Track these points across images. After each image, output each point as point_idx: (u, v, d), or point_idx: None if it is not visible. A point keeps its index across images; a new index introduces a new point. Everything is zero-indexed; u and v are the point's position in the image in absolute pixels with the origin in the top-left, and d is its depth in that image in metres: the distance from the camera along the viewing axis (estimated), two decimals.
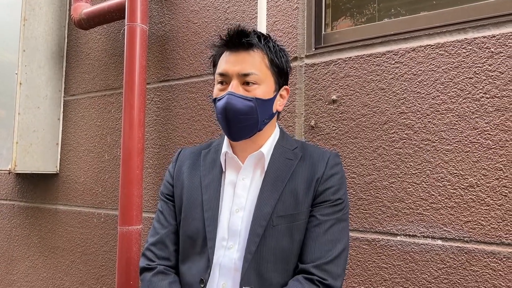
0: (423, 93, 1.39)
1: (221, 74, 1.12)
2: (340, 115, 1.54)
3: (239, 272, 1.05)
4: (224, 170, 1.17)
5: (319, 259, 1.03)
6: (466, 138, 1.31)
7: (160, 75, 2.10)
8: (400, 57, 1.44)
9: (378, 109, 1.47)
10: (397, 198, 1.41)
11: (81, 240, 2.35)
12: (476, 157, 1.29)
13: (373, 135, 1.47)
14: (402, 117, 1.42)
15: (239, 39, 1.11)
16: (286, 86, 1.20)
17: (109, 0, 2.15)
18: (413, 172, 1.39)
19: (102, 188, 2.28)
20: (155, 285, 1.11)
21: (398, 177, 1.41)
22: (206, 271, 1.07)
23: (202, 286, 1.07)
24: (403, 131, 1.41)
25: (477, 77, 1.31)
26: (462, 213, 1.30)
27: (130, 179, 1.85)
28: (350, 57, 1.55)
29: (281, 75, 1.17)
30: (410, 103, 1.41)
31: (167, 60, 2.07)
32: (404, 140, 1.41)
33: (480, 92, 1.30)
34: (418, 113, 1.39)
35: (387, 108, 1.45)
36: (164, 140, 2.05)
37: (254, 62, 1.10)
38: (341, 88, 1.55)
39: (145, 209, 2.05)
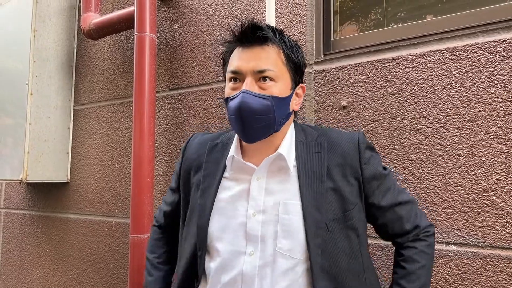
0: (434, 98, 1.39)
1: (234, 72, 1.04)
2: (350, 121, 1.54)
3: (265, 280, 1.01)
4: (230, 172, 1.11)
5: (411, 230, 1.10)
6: (478, 143, 1.31)
7: (169, 84, 2.11)
8: (410, 62, 1.44)
9: (389, 114, 1.47)
10: None
11: (92, 248, 2.35)
12: (489, 162, 1.29)
13: (384, 140, 1.47)
14: (413, 122, 1.42)
15: (253, 33, 1.03)
16: (301, 84, 1.14)
17: (118, 10, 2.17)
18: (426, 177, 1.38)
19: (113, 196, 2.29)
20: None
21: (411, 182, 1.41)
22: (192, 279, 1.12)
23: None
24: (415, 136, 1.41)
25: (488, 81, 1.30)
26: (476, 218, 1.29)
27: (141, 188, 1.86)
28: (359, 63, 1.55)
29: (297, 72, 1.10)
30: (421, 108, 1.41)
31: (176, 69, 2.09)
32: (416, 145, 1.41)
33: (492, 96, 1.29)
34: (429, 118, 1.39)
35: (398, 114, 1.45)
36: (174, 148, 2.06)
37: (270, 58, 1.03)
38: (351, 94, 1.55)
39: None
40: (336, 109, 1.58)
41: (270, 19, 1.68)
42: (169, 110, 2.10)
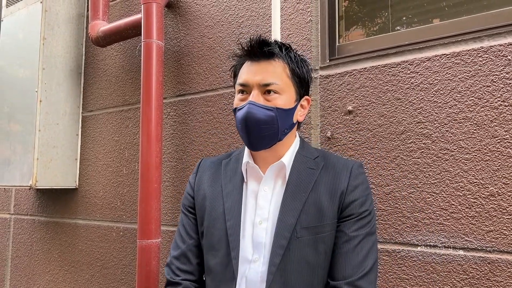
0: (440, 102, 1.39)
1: (242, 84, 1.11)
2: (356, 126, 1.55)
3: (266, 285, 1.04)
4: (245, 180, 1.16)
5: (350, 276, 1.03)
6: (485, 147, 1.30)
7: (176, 90, 2.13)
8: (415, 67, 1.44)
9: (395, 119, 1.47)
10: (417, 208, 1.40)
11: (100, 254, 2.37)
12: (496, 166, 1.28)
13: (391, 145, 1.47)
14: (419, 127, 1.42)
15: (260, 49, 1.10)
16: (307, 96, 1.20)
17: (125, 18, 2.20)
18: (432, 181, 1.38)
19: (121, 202, 2.31)
20: None
21: (417, 187, 1.40)
22: (232, 282, 1.06)
23: None
24: (421, 141, 1.41)
25: (494, 85, 1.30)
26: (484, 222, 1.29)
27: (148, 193, 1.88)
28: (365, 68, 1.55)
29: (302, 85, 1.16)
30: (427, 112, 1.41)
31: (182, 75, 2.11)
32: (422, 150, 1.41)
33: (498, 100, 1.29)
34: (435, 122, 1.39)
35: (404, 118, 1.45)
36: (181, 153, 2.07)
37: (275, 72, 1.09)
38: (357, 99, 1.56)
39: (164, 222, 2.07)
40: (342, 114, 1.58)
41: (276, 26, 1.69)
42: (176, 116, 2.11)
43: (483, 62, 1.33)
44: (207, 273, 1.15)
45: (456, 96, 1.36)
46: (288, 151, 1.16)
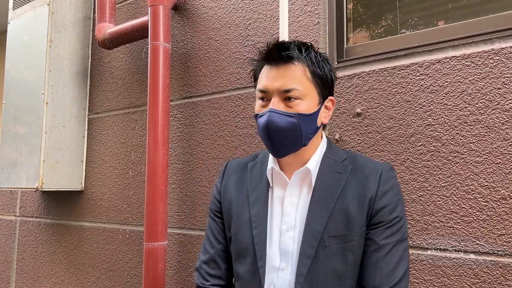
0: (450, 105, 1.38)
1: (262, 91, 1.07)
2: (365, 128, 1.54)
3: None
4: (271, 185, 1.13)
5: (380, 285, 0.99)
6: (496, 150, 1.29)
7: (183, 92, 2.13)
8: (425, 69, 1.44)
9: (404, 121, 1.46)
10: (427, 212, 1.39)
11: (106, 256, 2.37)
12: (507, 169, 1.27)
13: (400, 148, 1.46)
14: (429, 129, 1.41)
15: (278, 53, 1.06)
16: (331, 97, 1.14)
17: (132, 20, 2.20)
18: (442, 185, 1.37)
19: (127, 204, 2.30)
20: None
21: (427, 190, 1.39)
22: None
23: None
24: (431, 144, 1.40)
25: (506, 87, 1.29)
26: (495, 226, 1.27)
27: (155, 196, 1.87)
28: (373, 70, 1.54)
29: (325, 86, 1.10)
30: (437, 115, 1.40)
31: (189, 77, 2.10)
32: (432, 153, 1.39)
33: (510, 103, 1.28)
34: (445, 125, 1.38)
35: (414, 120, 1.44)
36: (188, 155, 2.07)
37: (295, 77, 1.05)
38: (366, 101, 1.55)
39: (170, 225, 2.07)
40: (351, 116, 1.58)
41: (283, 28, 1.69)
42: (182, 118, 2.11)
43: (494, 64, 1.32)
44: (236, 279, 1.14)
45: (467, 98, 1.35)
46: (314, 154, 1.12)
